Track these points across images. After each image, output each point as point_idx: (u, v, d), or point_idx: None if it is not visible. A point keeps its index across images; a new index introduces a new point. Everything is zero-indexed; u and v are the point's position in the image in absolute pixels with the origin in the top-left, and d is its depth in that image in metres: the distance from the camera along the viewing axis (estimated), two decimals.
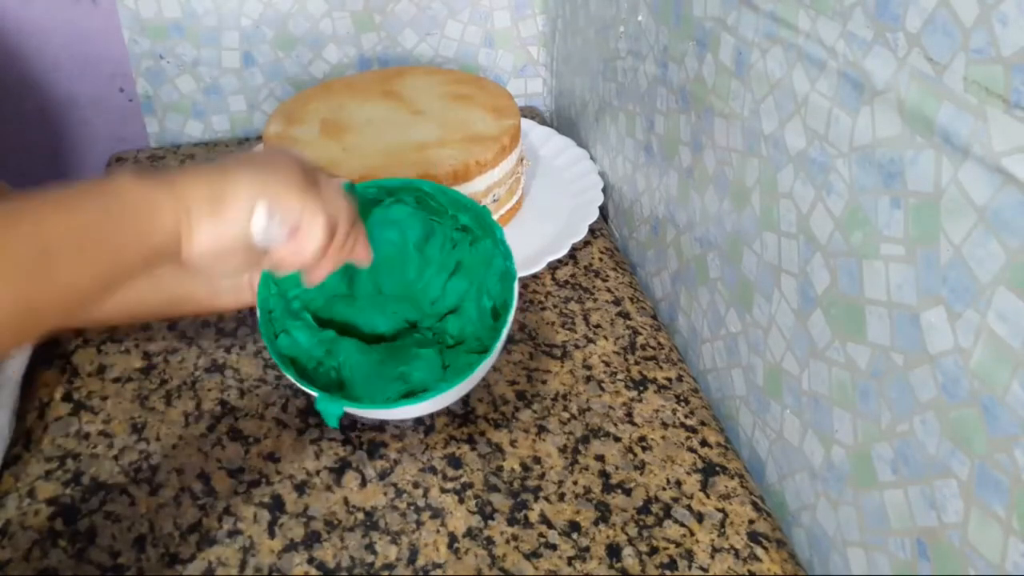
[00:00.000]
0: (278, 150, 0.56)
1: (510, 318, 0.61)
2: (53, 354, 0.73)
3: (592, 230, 0.89)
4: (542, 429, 0.67)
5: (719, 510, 0.61)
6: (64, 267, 0.41)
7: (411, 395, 0.64)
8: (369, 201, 0.67)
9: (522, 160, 0.91)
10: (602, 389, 0.71)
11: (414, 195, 0.67)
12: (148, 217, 0.44)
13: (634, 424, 0.68)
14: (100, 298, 0.44)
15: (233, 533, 0.59)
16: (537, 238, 0.86)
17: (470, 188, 0.82)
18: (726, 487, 0.62)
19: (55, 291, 0.41)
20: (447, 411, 0.68)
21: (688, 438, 0.66)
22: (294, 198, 0.50)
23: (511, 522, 0.60)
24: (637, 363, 0.74)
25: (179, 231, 0.46)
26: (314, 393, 0.60)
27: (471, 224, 0.67)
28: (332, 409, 0.59)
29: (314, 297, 0.68)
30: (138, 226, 0.44)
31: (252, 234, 0.49)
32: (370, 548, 0.58)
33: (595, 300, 0.81)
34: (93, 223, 0.43)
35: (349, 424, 0.67)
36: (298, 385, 0.62)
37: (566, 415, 0.68)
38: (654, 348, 0.75)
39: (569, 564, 0.57)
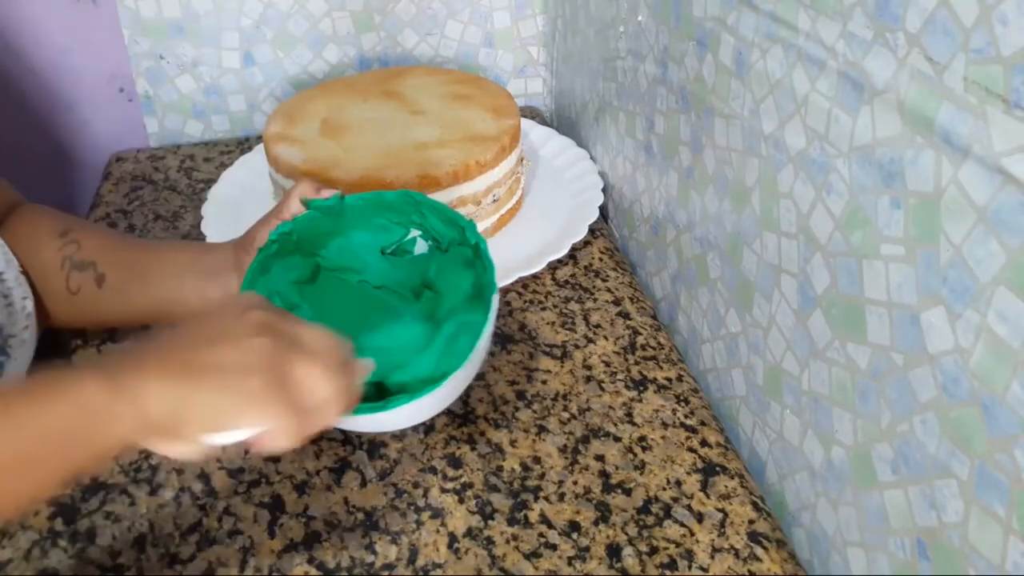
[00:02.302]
0: (247, 328, 0.48)
1: (483, 334, 0.58)
2: (53, 354, 0.73)
3: (592, 230, 0.89)
4: (542, 429, 0.67)
5: (719, 510, 0.61)
6: (12, 479, 0.42)
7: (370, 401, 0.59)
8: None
9: (522, 160, 0.91)
10: (602, 389, 0.71)
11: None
12: (102, 423, 0.43)
13: (634, 424, 0.68)
14: (48, 494, 0.45)
15: (233, 533, 0.59)
16: (537, 238, 0.86)
17: (470, 188, 0.82)
18: (726, 487, 0.62)
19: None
20: (447, 411, 0.68)
21: (688, 438, 0.66)
22: (256, 415, 0.46)
23: (511, 522, 0.60)
24: (637, 363, 0.74)
25: (134, 439, 0.45)
26: None
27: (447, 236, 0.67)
28: None
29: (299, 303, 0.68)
30: (90, 431, 0.43)
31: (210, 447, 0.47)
32: (370, 548, 0.58)
33: (595, 300, 0.81)
34: (48, 436, 0.42)
35: None
36: None
37: (566, 415, 0.68)
38: (654, 348, 0.75)
39: (569, 564, 0.57)
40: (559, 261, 0.85)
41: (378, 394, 0.62)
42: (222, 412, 0.46)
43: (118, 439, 0.44)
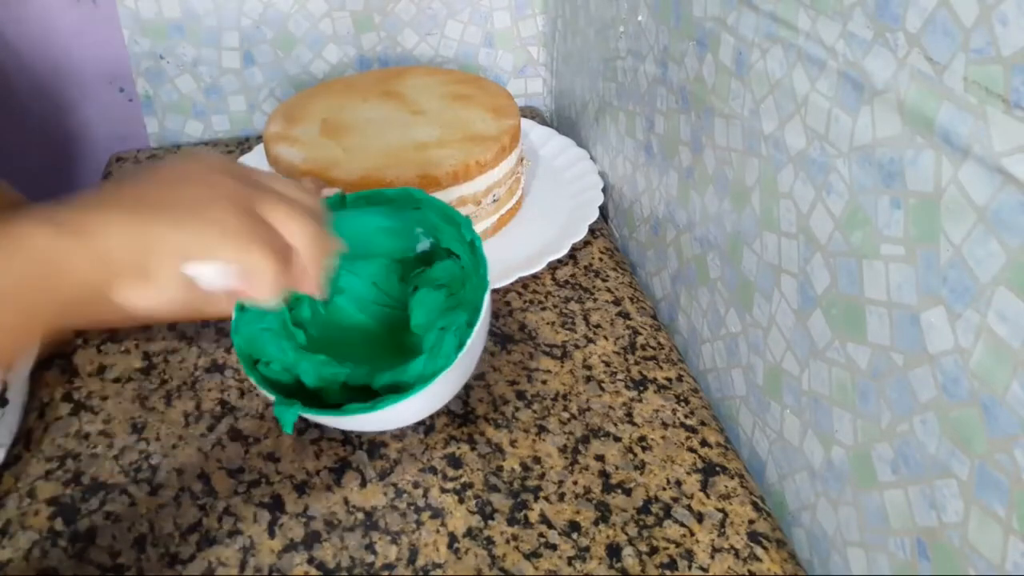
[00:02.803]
0: (209, 169, 0.45)
1: (474, 331, 0.59)
2: (53, 354, 0.73)
3: (592, 230, 0.89)
4: (542, 429, 0.67)
5: (719, 510, 0.61)
6: None
7: (362, 400, 0.60)
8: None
9: (522, 160, 0.91)
10: (602, 389, 0.71)
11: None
12: (59, 273, 0.40)
13: (634, 424, 0.68)
14: (21, 345, 0.41)
15: (233, 533, 0.59)
16: (537, 238, 0.86)
17: (470, 188, 0.82)
18: (726, 487, 0.62)
19: None
20: (447, 411, 0.68)
21: (688, 438, 0.66)
22: (229, 249, 0.43)
23: (511, 522, 0.60)
24: (637, 363, 0.74)
25: (100, 285, 0.42)
26: (272, 397, 0.58)
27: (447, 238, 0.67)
28: (287, 415, 0.57)
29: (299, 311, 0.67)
30: (48, 282, 0.40)
31: (196, 285, 0.43)
32: (370, 548, 0.58)
33: (595, 300, 0.81)
34: None
35: None
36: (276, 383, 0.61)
37: (566, 415, 0.68)
38: (654, 348, 0.75)
39: (569, 564, 0.57)
40: (559, 261, 0.85)
41: (369, 394, 0.63)
42: (192, 242, 0.42)
43: (80, 285, 0.41)
